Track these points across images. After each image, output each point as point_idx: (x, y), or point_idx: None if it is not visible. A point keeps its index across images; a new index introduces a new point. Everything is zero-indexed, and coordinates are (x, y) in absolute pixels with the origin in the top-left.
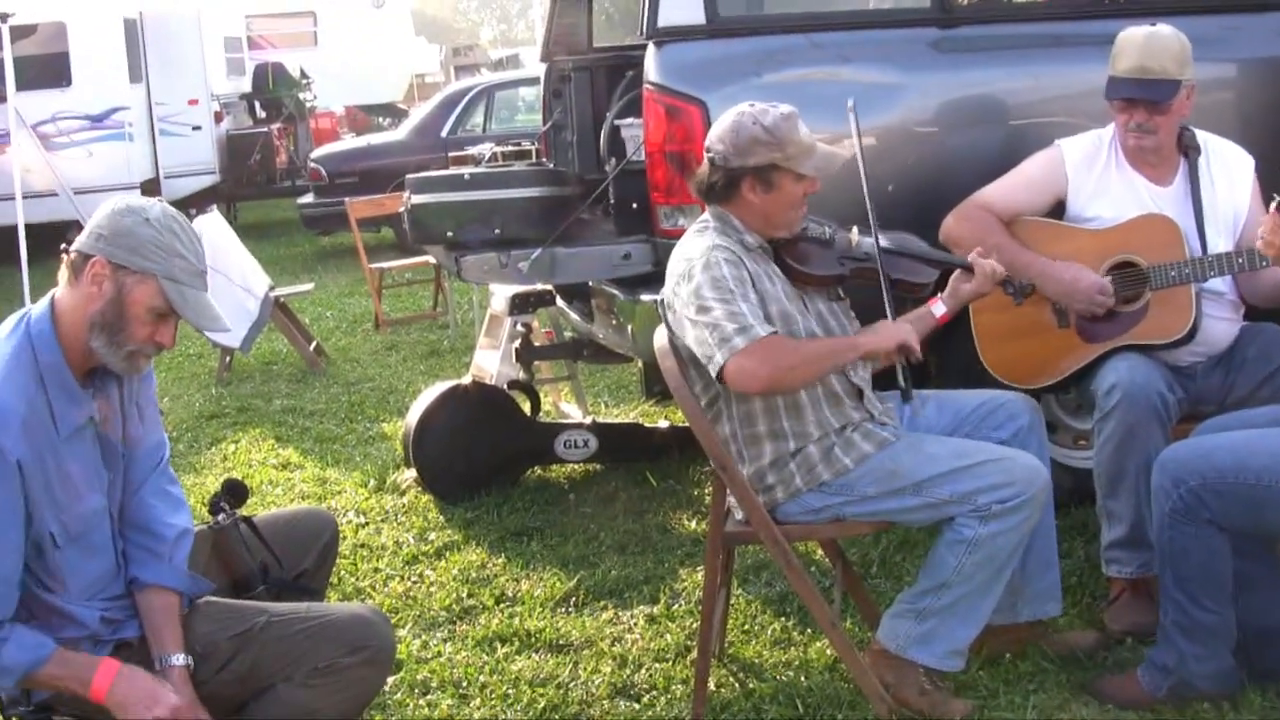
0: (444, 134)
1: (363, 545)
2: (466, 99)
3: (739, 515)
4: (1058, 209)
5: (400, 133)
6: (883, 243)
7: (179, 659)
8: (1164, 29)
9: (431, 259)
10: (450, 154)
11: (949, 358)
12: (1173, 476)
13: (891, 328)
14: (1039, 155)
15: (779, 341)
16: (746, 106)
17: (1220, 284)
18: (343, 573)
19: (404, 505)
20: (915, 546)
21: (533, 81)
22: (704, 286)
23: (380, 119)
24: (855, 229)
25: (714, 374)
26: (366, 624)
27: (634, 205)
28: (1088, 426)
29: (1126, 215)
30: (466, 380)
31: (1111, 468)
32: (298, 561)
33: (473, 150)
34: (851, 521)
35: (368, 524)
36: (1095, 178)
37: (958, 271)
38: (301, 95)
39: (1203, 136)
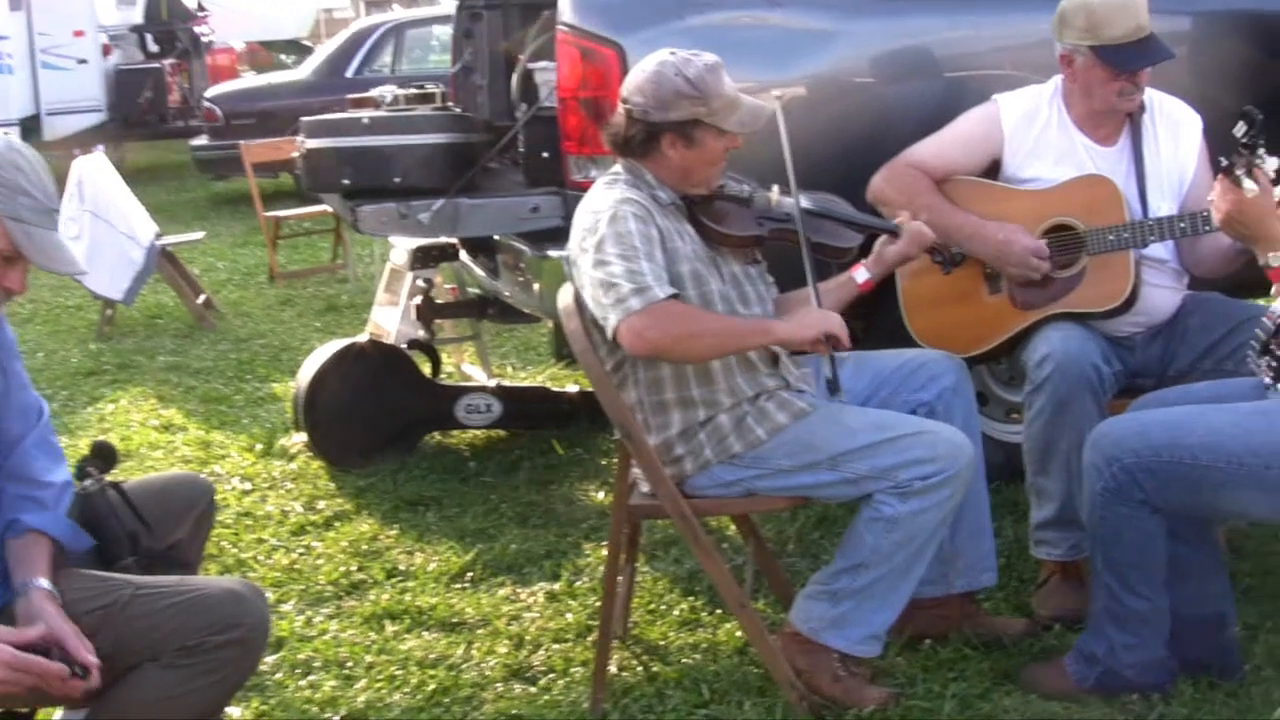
0: (349, 74)
1: (247, 514)
2: (375, 37)
3: (645, 488)
4: (994, 169)
5: (303, 72)
6: (804, 203)
7: (44, 583)
8: None
9: (330, 208)
10: (350, 96)
11: (876, 324)
12: (1105, 454)
13: (814, 315)
14: (975, 111)
15: (679, 307)
16: (668, 55)
17: (1162, 250)
18: (224, 543)
19: (292, 471)
20: (835, 523)
21: (447, 19)
22: (607, 241)
23: (284, 56)
24: (775, 188)
25: (608, 335)
26: (239, 600)
27: (544, 155)
28: (1019, 399)
29: (1065, 176)
30: (363, 339)
31: (1041, 443)
32: (170, 531)
33: (373, 92)
34: (765, 496)
35: (253, 491)
36: (1034, 136)
37: (883, 236)
38: (198, 29)
39: (1150, 94)
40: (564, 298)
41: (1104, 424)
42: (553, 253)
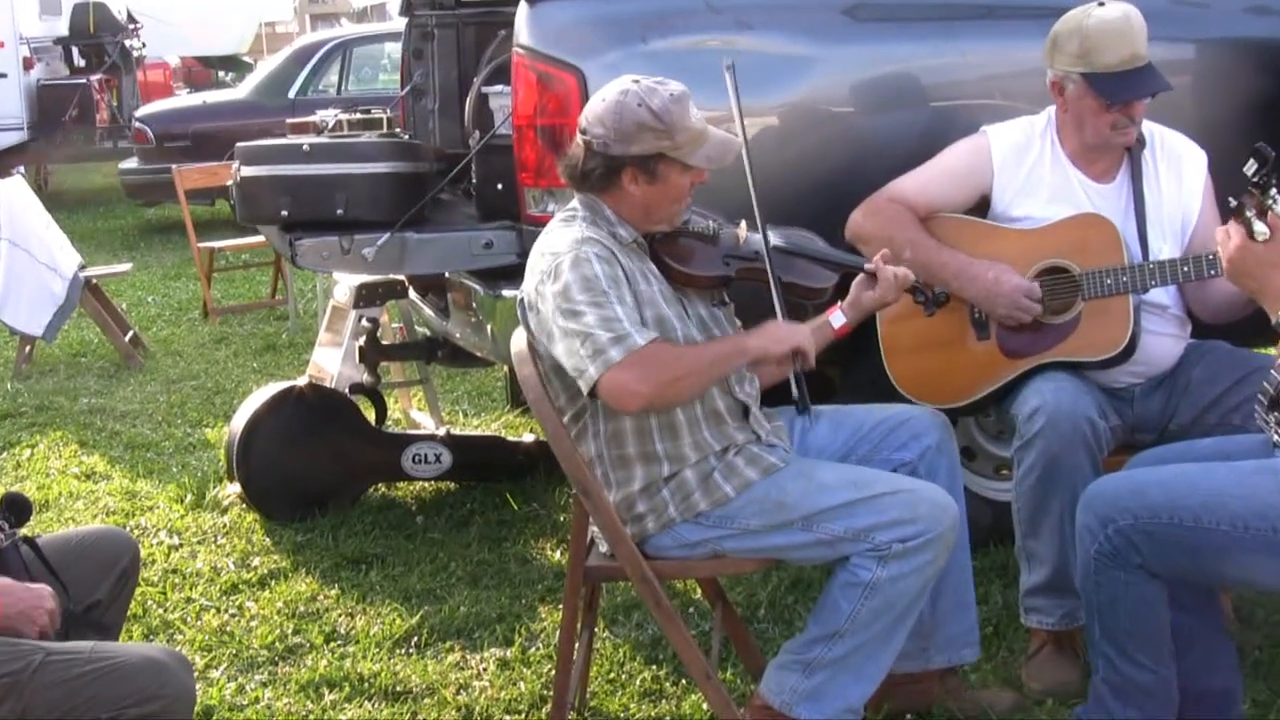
0: (292, 94)
1: (174, 571)
2: (320, 54)
3: (604, 548)
4: (982, 206)
5: (242, 91)
6: (775, 240)
7: None
8: (1125, 5)
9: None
10: (290, 120)
11: (854, 372)
12: (1100, 514)
13: (783, 328)
14: (962, 143)
15: (660, 350)
16: (630, 84)
17: (1163, 295)
18: (149, 603)
19: (225, 525)
20: (810, 587)
21: (399, 36)
22: (573, 287)
23: (222, 73)
24: (744, 224)
25: (586, 390)
26: (160, 669)
27: (499, 186)
28: (1009, 454)
29: (1059, 215)
30: (303, 381)
31: (1032, 503)
32: (89, 591)
33: (315, 117)
34: (733, 558)
35: (181, 546)
36: (1026, 171)
37: (861, 276)
38: (129, 42)
39: (1149, 127)
40: (517, 342)
41: (1099, 483)
42: (507, 292)
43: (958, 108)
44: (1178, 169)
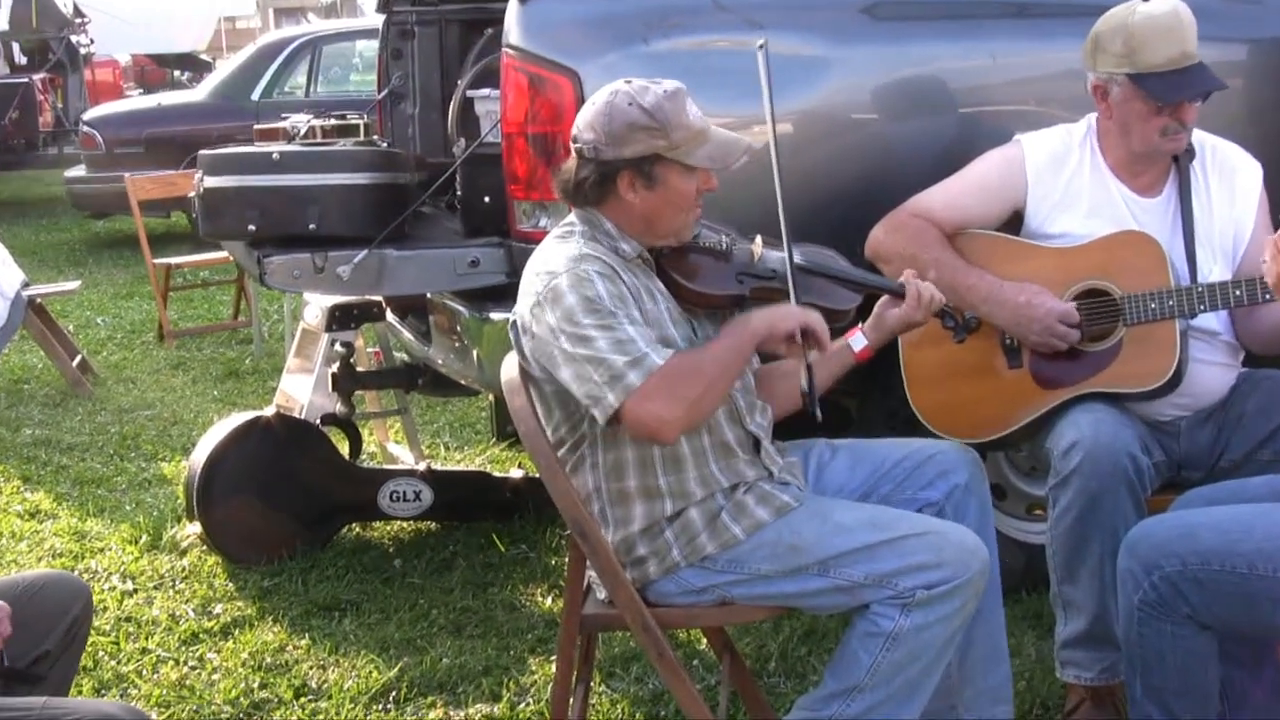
0: (256, 96)
1: (128, 619)
2: (286, 53)
3: (602, 594)
4: (1015, 222)
5: (200, 92)
6: (795, 258)
7: None
8: (1174, 2)
9: (231, 255)
10: (258, 125)
11: (873, 402)
12: (1144, 560)
13: (789, 306)
14: (994, 153)
15: (679, 365)
16: (622, 84)
17: (1213, 321)
18: (100, 654)
19: (184, 569)
20: (825, 637)
21: (372, 34)
22: (578, 311)
23: (178, 73)
24: (759, 239)
25: (603, 419)
26: None
27: (486, 199)
28: (1043, 493)
29: (1100, 231)
30: (269, 411)
31: (1069, 546)
32: (37, 642)
33: (286, 122)
34: (742, 605)
35: (136, 592)
36: (1063, 184)
37: (884, 297)
38: (75, 38)
39: (1199, 137)
40: (508, 369)
41: (1143, 525)
42: (495, 315)
43: (988, 114)
44: (1230, 182)
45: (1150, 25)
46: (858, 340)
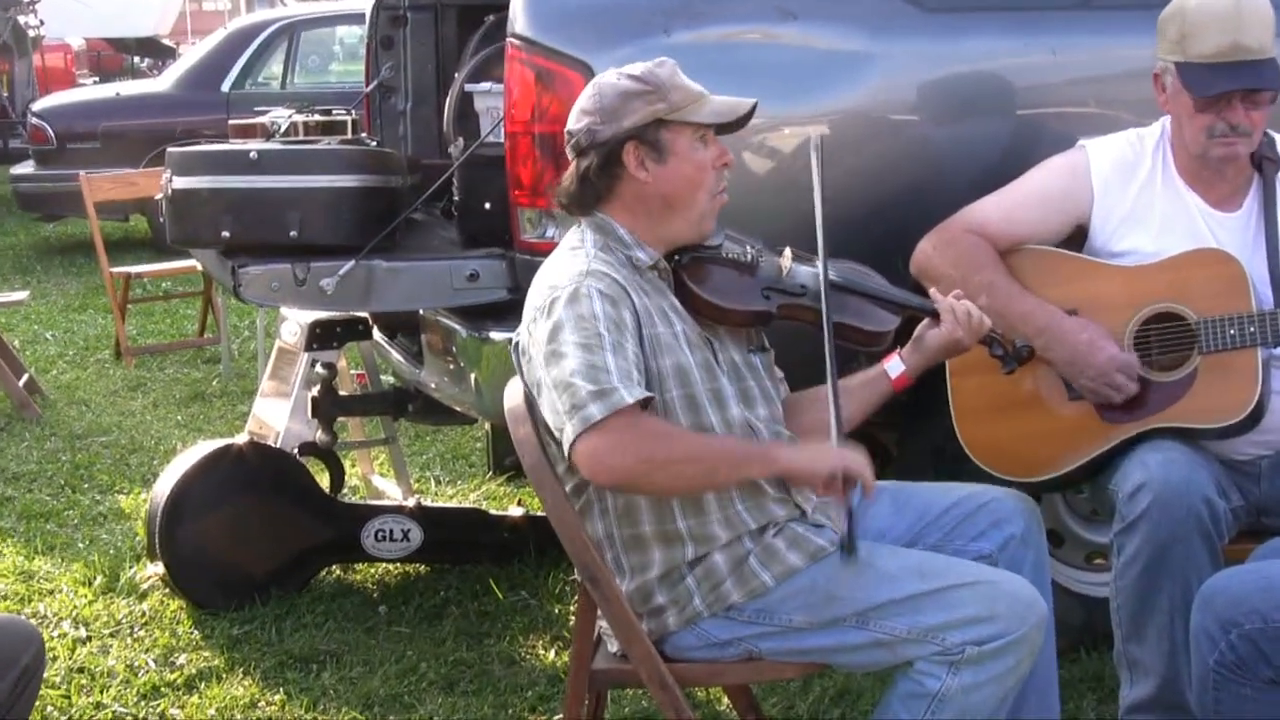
0: (226, 87)
1: (81, 669)
2: (260, 39)
3: (613, 647)
4: (1078, 237)
5: (164, 82)
6: (830, 274)
7: None
8: None
9: (200, 265)
10: (232, 119)
11: (915, 437)
12: (1221, 616)
13: (828, 451)
14: (1055, 160)
15: (652, 422)
16: (605, 72)
17: None
18: (49, 709)
19: (143, 614)
20: (860, 698)
21: (355, 18)
22: (565, 326)
23: (138, 59)
24: (788, 251)
25: (565, 454)
26: None
27: (486, 206)
28: (1105, 539)
29: (1172, 249)
30: (242, 439)
31: (1136, 600)
32: None
33: (264, 117)
34: (770, 661)
35: (90, 639)
36: (1133, 195)
37: (926, 319)
38: (23, 19)
39: None
40: (512, 395)
41: (1219, 576)
42: (495, 335)
43: (1048, 117)
44: None
45: (1205, 11)
46: (895, 366)
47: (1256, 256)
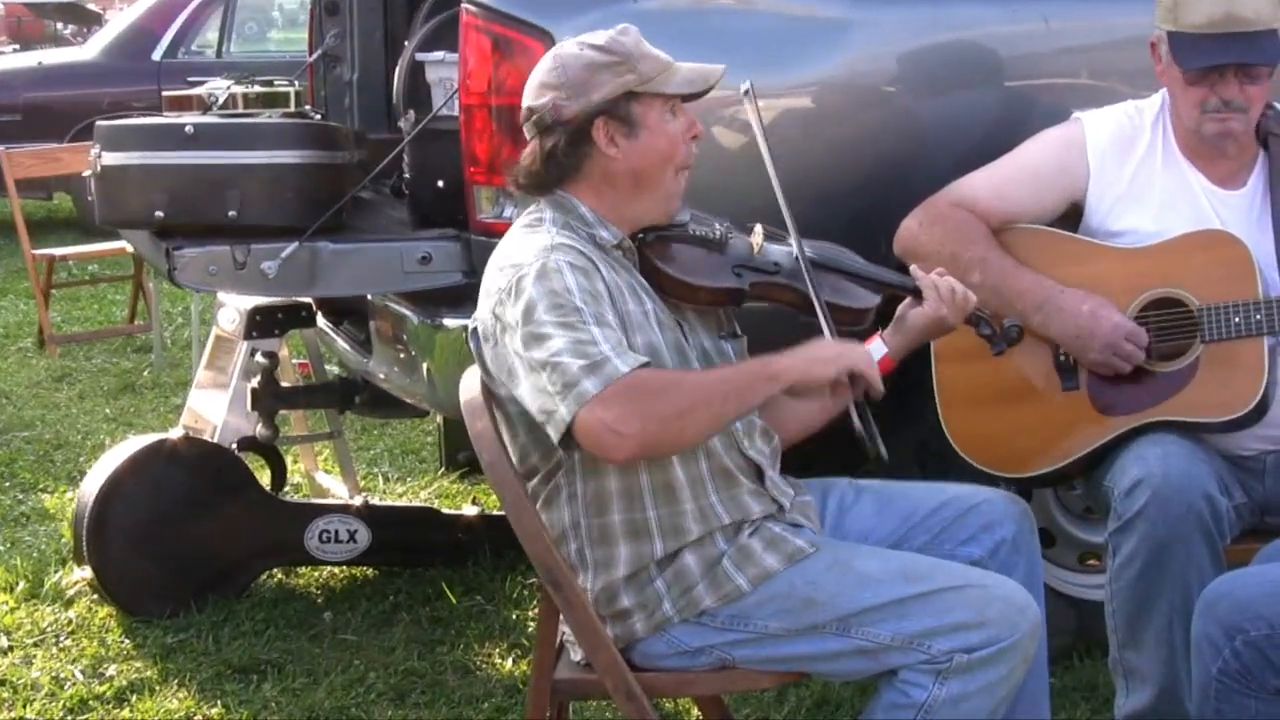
0: (158, 56)
1: (2, 682)
2: (194, 4)
3: (577, 655)
4: (1073, 215)
5: (90, 50)
6: (806, 250)
7: None
8: None
9: (130, 247)
10: (165, 90)
11: (898, 428)
12: (1225, 622)
13: (831, 346)
14: (1049, 134)
15: (651, 378)
16: (563, 42)
17: None
18: None
19: (70, 622)
20: (839, 708)
21: None
22: (538, 306)
23: (58, 25)
24: (759, 228)
25: (556, 437)
26: None
27: (439, 184)
28: (1099, 539)
29: (1173, 229)
30: (176, 434)
31: (1133, 604)
32: None
33: (201, 88)
34: (745, 670)
35: (12, 650)
36: (1131, 171)
37: (908, 298)
38: None
39: None
40: (468, 386)
41: (1222, 580)
42: (449, 321)
43: (1040, 88)
44: None
45: None
46: (877, 348)
47: (1263, 238)
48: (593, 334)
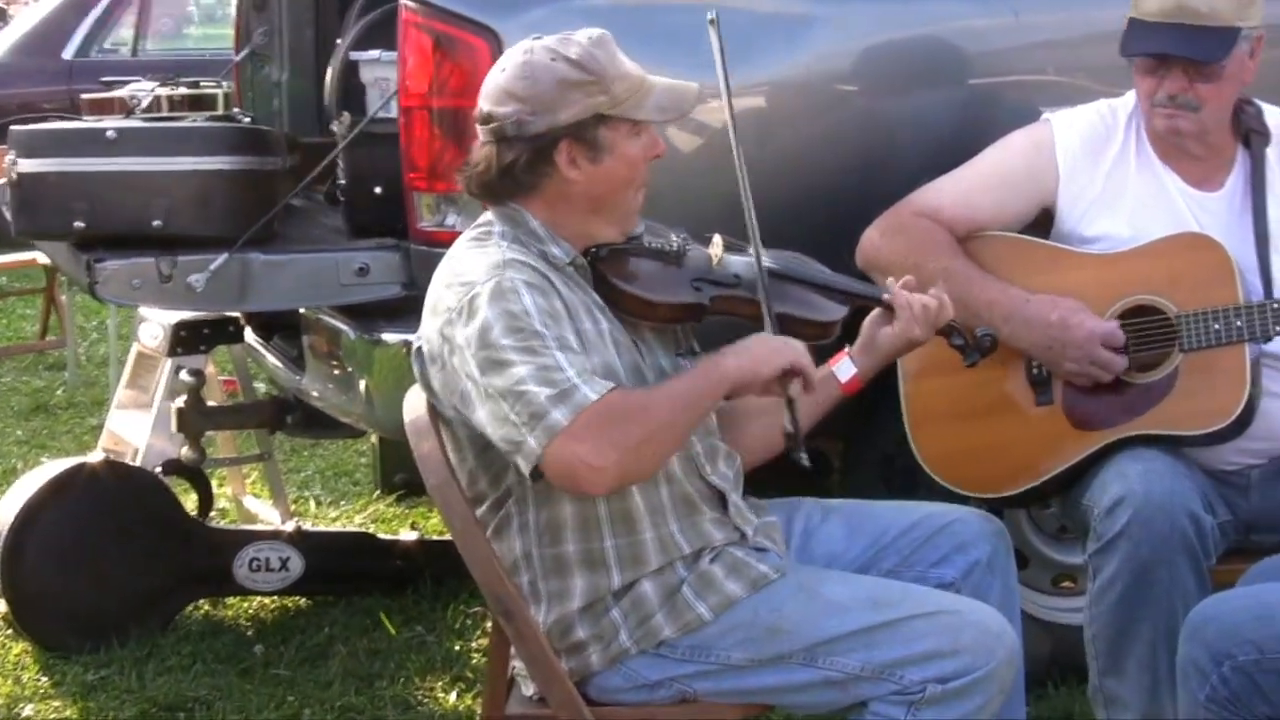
0: (69, 54)
1: None
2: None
3: (529, 690)
4: (1044, 221)
5: None
6: (766, 261)
7: None
8: None
9: (43, 258)
10: (81, 91)
11: (864, 446)
12: (1212, 647)
13: (771, 341)
14: (1017, 136)
15: (619, 402)
16: (529, 42)
17: None
18: None
19: None
20: None
21: None
22: (495, 329)
23: None
24: (718, 239)
25: (527, 469)
26: None
27: (376, 190)
28: (1075, 560)
29: (1149, 234)
30: (95, 458)
31: (1114, 628)
32: None
33: (123, 90)
34: (707, 703)
35: None
36: (1104, 174)
37: (876, 311)
38: None
39: (1276, 116)
40: (413, 406)
41: (1209, 603)
42: (389, 336)
43: (1011, 86)
44: None
45: None
46: (844, 367)
47: (1243, 240)
48: (557, 359)
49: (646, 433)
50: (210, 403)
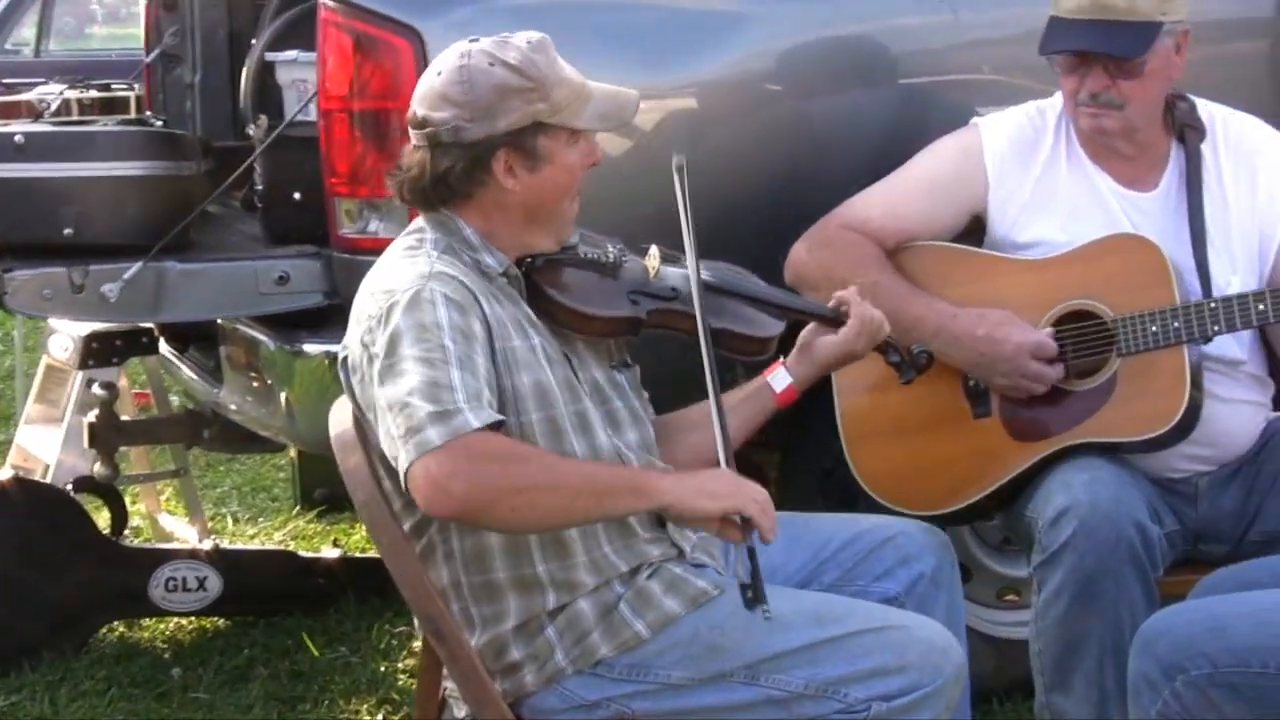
0: None
1: None
2: None
3: (460, 712)
4: (976, 228)
5: None
6: (703, 274)
7: None
8: None
9: None
10: None
11: (799, 458)
12: (1163, 660)
13: (725, 479)
14: (944, 142)
15: (500, 443)
16: (465, 45)
17: (1234, 347)
18: None
19: None
20: None
21: None
22: (403, 338)
23: None
24: (655, 250)
25: (401, 484)
26: None
27: (296, 196)
28: (1019, 573)
29: (1084, 236)
30: (3, 474)
31: (1061, 642)
32: None
33: (32, 94)
34: None
35: None
36: (1034, 178)
37: (812, 324)
38: None
39: (1210, 111)
40: (339, 419)
41: (1160, 616)
42: (310, 347)
43: (948, 86)
44: (1250, 166)
45: None
46: (779, 378)
47: (1179, 240)
48: (451, 377)
49: (514, 484)
50: (123, 417)
